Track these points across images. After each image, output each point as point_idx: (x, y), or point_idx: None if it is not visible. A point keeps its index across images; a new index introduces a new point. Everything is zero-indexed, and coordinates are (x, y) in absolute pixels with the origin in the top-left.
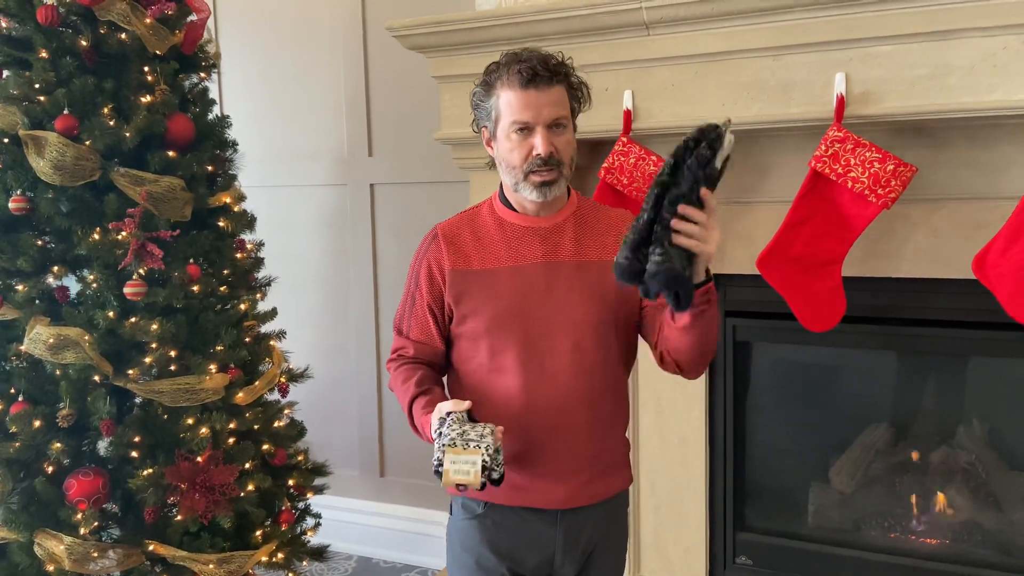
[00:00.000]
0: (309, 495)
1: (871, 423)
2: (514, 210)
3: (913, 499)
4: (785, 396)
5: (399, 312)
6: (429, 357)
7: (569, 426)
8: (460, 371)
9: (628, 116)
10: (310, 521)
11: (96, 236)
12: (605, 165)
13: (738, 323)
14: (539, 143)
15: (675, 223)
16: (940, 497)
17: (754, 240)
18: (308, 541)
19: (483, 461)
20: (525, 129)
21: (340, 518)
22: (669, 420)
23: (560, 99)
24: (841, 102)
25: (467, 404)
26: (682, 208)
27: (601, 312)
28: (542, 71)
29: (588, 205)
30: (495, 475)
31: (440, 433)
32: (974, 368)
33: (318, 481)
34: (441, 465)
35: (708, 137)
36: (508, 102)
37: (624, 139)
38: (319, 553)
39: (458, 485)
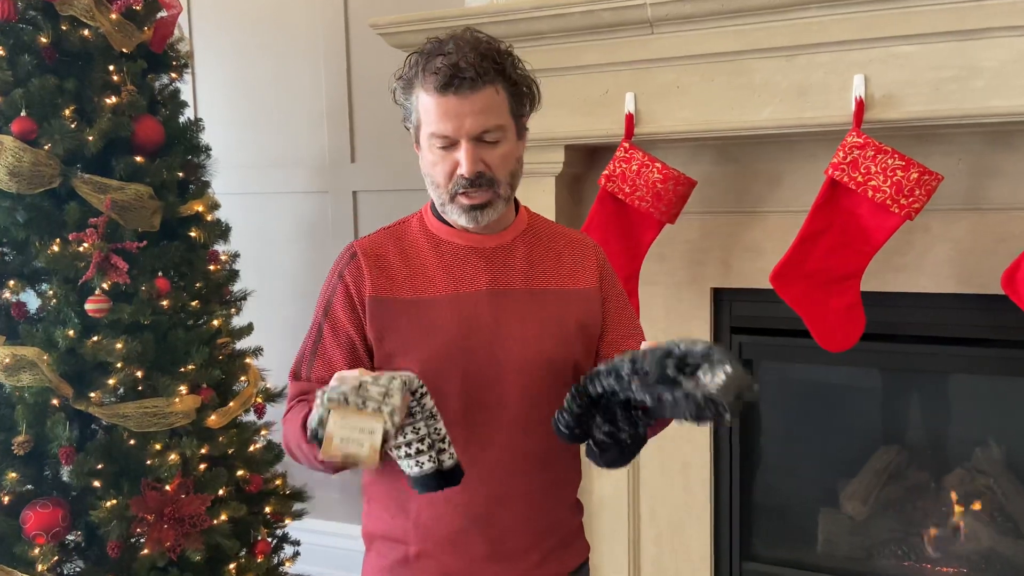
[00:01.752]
0: (287, 521)
1: (884, 445)
2: (450, 226)
3: (928, 525)
4: (794, 417)
5: (299, 355)
6: None
7: (518, 493)
8: None
9: (630, 120)
10: (289, 550)
11: (55, 248)
12: (606, 172)
13: (744, 340)
14: (463, 161)
15: None
16: (957, 523)
17: (763, 252)
18: (287, 572)
19: (385, 429)
20: (447, 141)
21: (321, 542)
22: (670, 443)
23: (489, 105)
24: (860, 106)
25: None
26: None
27: (559, 351)
28: (466, 71)
29: (541, 223)
30: (448, 461)
31: (325, 388)
32: (993, 388)
33: (297, 506)
34: (323, 426)
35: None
36: (425, 108)
37: (626, 145)
38: None
39: (346, 457)
